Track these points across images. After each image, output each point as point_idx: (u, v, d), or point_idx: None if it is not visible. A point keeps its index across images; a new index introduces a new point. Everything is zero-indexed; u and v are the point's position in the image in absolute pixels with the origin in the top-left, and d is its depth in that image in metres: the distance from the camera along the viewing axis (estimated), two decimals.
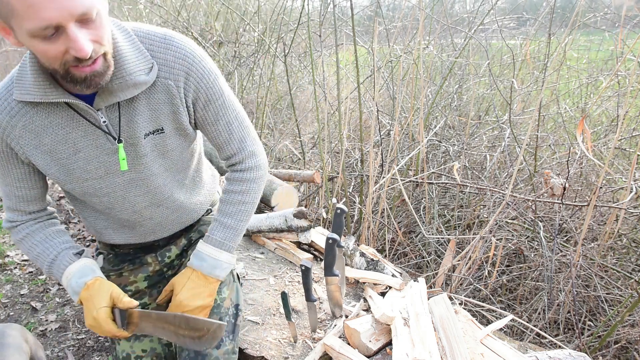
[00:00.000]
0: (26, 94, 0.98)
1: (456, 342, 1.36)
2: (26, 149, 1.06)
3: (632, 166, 2.06)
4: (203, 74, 1.08)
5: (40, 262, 1.16)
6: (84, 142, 1.06)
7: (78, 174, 1.10)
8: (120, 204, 1.18)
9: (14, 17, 0.81)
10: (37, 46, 0.85)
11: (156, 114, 1.08)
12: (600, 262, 2.32)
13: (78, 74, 0.90)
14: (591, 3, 3.42)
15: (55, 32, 0.83)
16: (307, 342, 1.54)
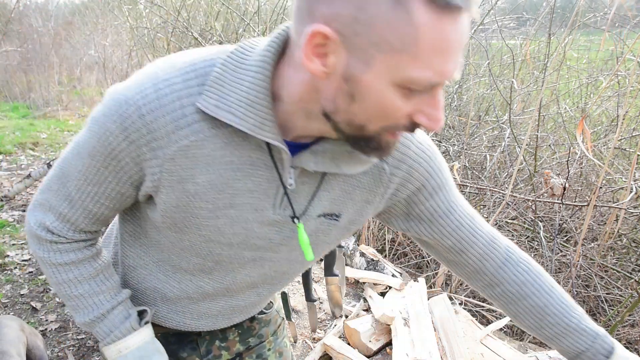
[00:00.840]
0: (228, 112, 0.64)
1: (456, 342, 1.36)
2: (165, 176, 0.70)
3: (632, 166, 2.06)
4: (431, 163, 0.82)
5: (77, 306, 0.82)
6: (244, 199, 0.74)
7: (207, 232, 0.76)
8: (222, 276, 0.85)
9: (400, 53, 0.55)
10: (387, 99, 0.59)
11: (345, 198, 0.80)
12: (600, 262, 2.33)
13: (385, 140, 0.65)
14: (591, 3, 3.42)
15: (421, 90, 0.59)
16: (307, 342, 1.54)
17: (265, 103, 0.64)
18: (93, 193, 0.75)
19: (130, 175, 0.72)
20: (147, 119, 0.65)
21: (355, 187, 0.79)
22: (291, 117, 0.67)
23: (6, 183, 5.16)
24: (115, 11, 7.52)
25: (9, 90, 9.61)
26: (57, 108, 9.06)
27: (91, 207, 0.77)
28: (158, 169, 0.69)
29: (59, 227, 0.78)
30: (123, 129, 0.66)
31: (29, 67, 9.69)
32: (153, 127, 0.66)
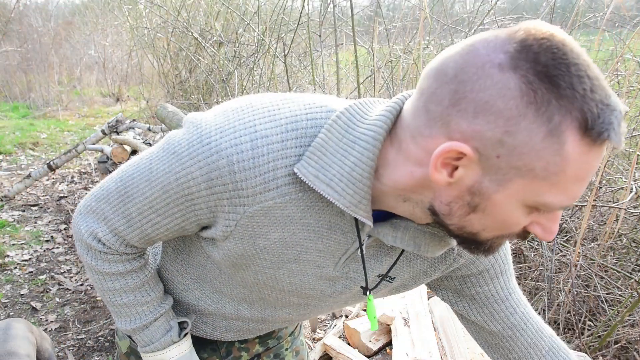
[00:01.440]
0: (327, 185, 0.60)
1: (456, 342, 1.36)
2: (239, 229, 0.66)
3: (632, 166, 2.06)
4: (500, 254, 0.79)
5: (120, 313, 0.82)
6: (311, 256, 0.71)
7: (263, 278, 0.75)
8: (262, 308, 0.84)
9: (538, 179, 0.53)
10: (509, 213, 0.57)
11: (405, 266, 0.78)
12: (600, 262, 2.33)
13: (495, 244, 0.64)
14: (591, 3, 3.42)
15: (546, 210, 0.58)
16: (307, 342, 1.54)
17: (368, 182, 0.59)
18: (155, 222, 0.71)
19: (201, 219, 0.68)
20: (237, 176, 0.60)
21: (420, 258, 0.76)
22: (385, 197, 0.63)
23: (6, 183, 5.16)
24: (115, 11, 7.52)
25: (9, 90, 9.62)
26: (57, 108, 9.06)
27: (149, 232, 0.74)
28: (234, 222, 0.65)
29: (111, 240, 0.75)
30: (208, 179, 0.61)
31: (29, 67, 9.69)
32: (241, 186, 0.61)
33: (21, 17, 10.07)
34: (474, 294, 0.81)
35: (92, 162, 6.10)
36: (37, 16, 10.78)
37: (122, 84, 10.39)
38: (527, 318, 0.82)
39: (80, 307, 2.98)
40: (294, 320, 0.89)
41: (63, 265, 3.50)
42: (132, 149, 3.80)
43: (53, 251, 3.73)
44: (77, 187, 5.23)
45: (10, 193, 4.70)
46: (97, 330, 2.75)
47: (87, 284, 3.25)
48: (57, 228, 4.15)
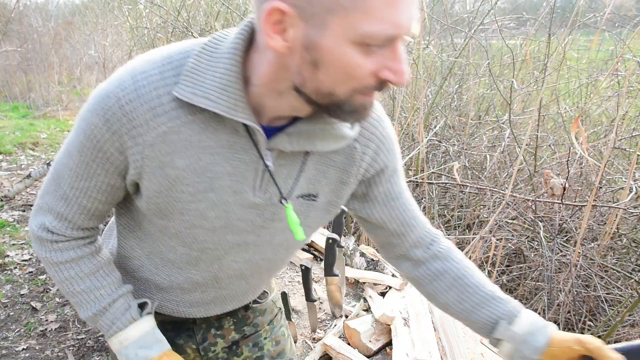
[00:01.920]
0: (203, 97, 0.68)
1: (456, 342, 1.36)
2: (148, 162, 0.73)
3: (631, 166, 2.06)
4: (393, 143, 0.88)
5: (81, 301, 0.85)
6: (223, 183, 0.76)
7: (189, 217, 0.79)
8: (209, 263, 0.87)
9: (353, 11, 0.57)
10: (348, 58, 0.60)
11: (320, 177, 0.82)
12: (600, 262, 2.33)
13: (358, 103, 0.67)
14: (591, 3, 3.42)
15: (380, 45, 0.61)
16: (307, 342, 1.54)
17: (238, 86, 0.67)
18: (85, 188, 0.79)
19: (117, 166, 0.75)
20: (126, 109, 0.69)
21: (329, 166, 0.82)
22: (263, 98, 0.70)
23: (6, 183, 5.16)
24: (115, 11, 7.50)
25: (9, 90, 9.62)
26: (57, 108, 9.06)
27: (85, 203, 0.80)
28: (140, 156, 0.73)
29: (57, 226, 0.81)
30: (105, 121, 0.71)
31: (29, 67, 9.69)
32: (132, 116, 0.70)
33: (21, 17, 10.07)
34: (376, 195, 0.89)
35: None
36: (37, 16, 10.77)
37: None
38: (416, 216, 0.93)
39: None
40: (248, 276, 0.92)
41: None
42: None
43: None
44: None
45: (10, 193, 4.70)
46: (97, 330, 2.75)
47: None
48: None
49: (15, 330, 2.73)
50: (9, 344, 2.59)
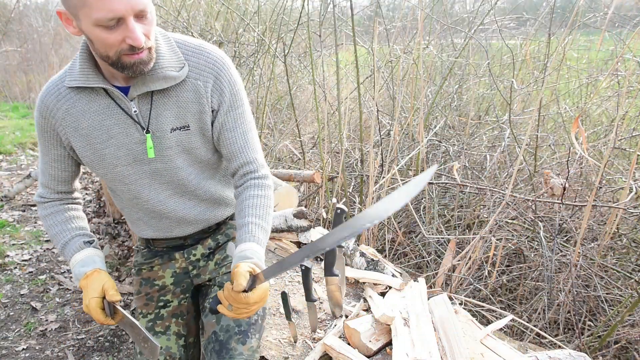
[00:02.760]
0: (73, 80, 1.14)
1: (456, 342, 1.36)
2: (67, 130, 1.19)
3: (631, 166, 2.06)
4: (230, 81, 1.21)
5: (55, 242, 1.29)
6: (116, 130, 1.18)
7: (109, 160, 1.21)
8: (147, 192, 1.27)
9: (84, 7, 0.96)
10: (98, 34, 1.00)
11: (184, 112, 1.19)
12: (600, 262, 2.33)
13: (127, 61, 1.05)
14: (591, 3, 3.42)
15: (116, 24, 0.99)
16: (307, 342, 1.54)
17: (87, 65, 1.13)
18: (48, 160, 1.27)
19: (56, 139, 1.23)
20: (45, 102, 1.19)
21: (186, 102, 1.19)
22: (104, 68, 1.14)
23: (6, 183, 5.16)
24: None
25: (9, 90, 9.61)
26: None
27: (52, 172, 1.29)
28: (62, 128, 1.20)
29: (42, 192, 1.33)
30: (39, 114, 1.21)
31: (29, 67, 9.69)
32: (48, 106, 1.19)
33: (21, 17, 10.07)
34: (216, 125, 1.23)
35: None
36: (37, 16, 10.77)
37: None
38: (239, 150, 1.26)
39: (80, 307, 2.98)
40: (180, 195, 1.30)
41: (63, 265, 3.50)
42: None
43: (53, 251, 3.73)
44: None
45: (10, 193, 4.70)
46: (97, 330, 2.75)
47: None
48: None
49: (15, 330, 2.73)
50: (9, 344, 2.59)
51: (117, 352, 2.56)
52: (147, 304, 1.39)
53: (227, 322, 1.29)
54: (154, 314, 1.38)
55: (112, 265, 3.51)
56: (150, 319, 1.37)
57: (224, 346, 1.25)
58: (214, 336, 1.27)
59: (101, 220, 4.32)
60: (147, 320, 1.37)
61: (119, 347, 2.59)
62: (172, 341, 1.36)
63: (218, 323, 1.30)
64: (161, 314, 1.38)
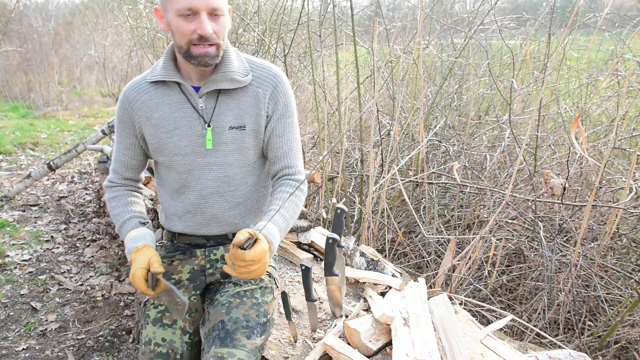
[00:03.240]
0: (154, 76, 1.38)
1: (456, 342, 1.36)
2: (141, 119, 1.40)
3: (631, 166, 2.05)
4: (285, 93, 1.43)
5: (115, 220, 1.46)
6: (182, 122, 1.38)
7: (171, 148, 1.40)
8: (194, 183, 1.43)
9: (171, 1, 1.23)
10: (177, 24, 1.24)
11: (242, 113, 1.39)
12: (600, 262, 2.33)
13: (195, 51, 1.26)
14: (591, 3, 3.42)
15: (191, 15, 1.22)
16: (307, 342, 1.54)
17: (169, 63, 1.37)
18: (121, 148, 1.49)
19: (131, 129, 1.45)
20: (127, 95, 1.43)
21: (246, 105, 1.39)
22: (182, 67, 1.38)
23: (6, 183, 5.16)
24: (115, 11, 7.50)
25: (9, 90, 9.61)
26: (57, 108, 9.06)
27: (123, 158, 1.49)
28: (137, 117, 1.41)
29: (111, 177, 1.53)
30: (120, 106, 1.44)
31: (29, 67, 9.68)
32: (129, 98, 1.42)
33: (21, 17, 10.06)
34: (268, 130, 1.43)
35: (92, 162, 6.10)
36: (37, 16, 10.76)
37: (122, 84, 10.37)
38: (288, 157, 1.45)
39: (80, 307, 2.98)
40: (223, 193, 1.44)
41: (63, 265, 3.50)
42: None
43: (53, 251, 3.73)
44: (77, 187, 5.23)
45: (10, 193, 4.70)
46: (97, 330, 2.75)
47: (87, 284, 3.25)
48: (57, 228, 4.15)
49: (15, 330, 2.72)
50: (9, 344, 2.59)
51: (117, 352, 2.56)
52: (159, 296, 1.44)
53: (237, 315, 1.35)
54: (164, 307, 1.43)
55: (112, 265, 3.51)
56: (160, 310, 1.42)
57: (229, 335, 1.29)
58: (221, 325, 1.32)
59: (101, 220, 4.32)
60: (157, 311, 1.42)
61: (119, 347, 2.59)
62: (177, 335, 1.39)
63: (227, 314, 1.34)
64: None
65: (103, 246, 3.83)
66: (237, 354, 1.24)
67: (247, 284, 1.47)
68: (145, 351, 1.36)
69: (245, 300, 1.41)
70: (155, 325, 1.39)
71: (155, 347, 1.36)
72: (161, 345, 1.36)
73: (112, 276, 3.37)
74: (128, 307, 2.98)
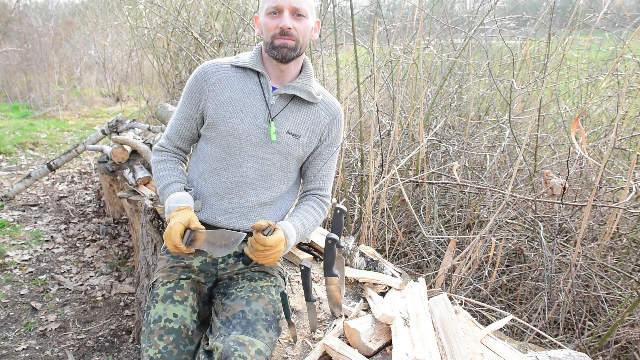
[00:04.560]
0: (240, 62, 1.50)
1: (456, 342, 1.36)
2: (210, 94, 1.48)
3: (631, 166, 2.05)
4: (339, 126, 1.59)
5: (158, 182, 1.53)
6: (249, 108, 1.46)
7: (227, 128, 1.46)
8: (234, 168, 1.49)
9: (265, 3, 1.41)
10: (265, 21, 1.41)
11: (302, 125, 1.52)
12: (600, 262, 2.32)
13: (277, 43, 1.40)
14: (591, 3, 3.42)
15: (276, 13, 1.39)
16: (307, 342, 1.53)
17: (258, 57, 1.50)
18: (181, 117, 1.55)
19: (197, 102, 1.51)
20: (205, 69, 1.51)
21: (308, 120, 1.53)
22: (266, 65, 1.51)
23: (6, 183, 5.16)
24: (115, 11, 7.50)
25: (9, 90, 9.61)
26: (57, 108, 9.06)
27: (179, 127, 1.57)
28: (207, 92, 1.49)
29: (163, 142, 1.60)
30: (194, 77, 1.52)
31: (29, 67, 9.68)
32: (207, 72, 1.50)
33: (21, 17, 10.06)
34: (315, 152, 1.58)
35: (92, 162, 6.10)
36: (37, 16, 10.76)
37: (122, 84, 10.38)
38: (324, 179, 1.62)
39: (80, 307, 2.98)
40: (257, 187, 1.51)
41: (63, 265, 3.50)
42: (132, 149, 3.79)
43: (53, 251, 3.73)
44: (77, 187, 5.23)
45: (10, 193, 4.70)
46: (97, 330, 2.75)
47: (87, 284, 3.25)
48: (57, 228, 4.15)
49: (15, 330, 2.72)
50: (9, 344, 2.59)
51: (117, 352, 2.56)
52: (169, 274, 1.48)
53: (257, 307, 1.40)
54: (174, 283, 1.45)
55: (112, 265, 3.51)
56: (169, 287, 1.44)
57: (250, 325, 1.33)
58: (242, 314, 1.36)
59: (101, 220, 4.32)
60: (166, 288, 1.43)
61: (119, 347, 2.59)
62: (188, 312, 1.40)
63: (248, 305, 1.40)
64: (181, 283, 1.45)
65: (103, 246, 3.84)
66: (257, 344, 1.27)
67: (261, 280, 1.52)
68: (154, 329, 1.34)
69: (264, 295, 1.46)
70: (166, 302, 1.40)
71: (167, 323, 1.35)
72: (173, 320, 1.36)
73: (112, 276, 3.37)
74: (128, 307, 2.98)
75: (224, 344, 1.24)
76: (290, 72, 1.50)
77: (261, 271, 1.56)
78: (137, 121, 4.57)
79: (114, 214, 4.31)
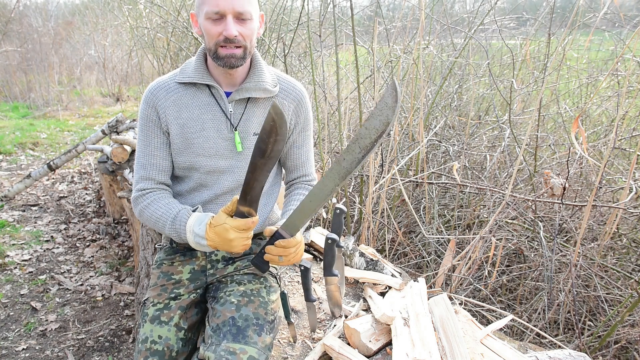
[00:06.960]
0: (186, 77, 1.42)
1: (456, 342, 1.36)
2: (169, 118, 1.42)
3: (631, 166, 2.05)
4: (306, 109, 1.54)
5: (162, 222, 1.38)
6: (210, 124, 1.42)
7: (195, 149, 1.43)
8: (212, 183, 1.47)
9: (203, 4, 1.30)
10: (206, 27, 1.31)
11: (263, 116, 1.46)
12: (600, 262, 2.32)
13: (222, 53, 1.32)
14: (591, 3, 3.42)
15: (219, 18, 1.29)
16: (307, 342, 1.53)
17: (202, 66, 1.42)
18: (150, 150, 1.45)
19: (159, 127, 1.44)
20: (155, 94, 1.43)
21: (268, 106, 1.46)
22: (212, 71, 1.43)
23: (6, 183, 5.16)
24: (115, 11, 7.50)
25: (9, 90, 9.61)
26: (57, 108, 9.06)
27: (153, 161, 1.45)
28: (165, 116, 1.42)
29: (142, 186, 1.44)
30: (146, 105, 1.44)
31: (29, 67, 9.68)
32: (158, 97, 1.43)
33: (21, 17, 10.06)
34: (289, 141, 1.55)
35: (92, 162, 6.10)
36: (37, 16, 10.76)
37: (122, 84, 10.38)
38: (305, 167, 1.60)
39: (80, 307, 2.98)
40: (235, 187, 1.48)
41: (63, 265, 3.50)
42: (132, 149, 3.79)
43: (53, 251, 3.73)
44: (77, 187, 5.23)
45: (10, 193, 4.70)
46: (97, 330, 2.75)
47: (87, 284, 3.25)
48: (57, 228, 4.15)
49: (15, 330, 2.72)
50: (9, 344, 2.59)
51: (117, 352, 2.56)
52: (160, 294, 1.47)
53: (247, 312, 1.37)
54: (163, 304, 1.44)
55: (112, 265, 3.51)
56: (158, 308, 1.43)
57: (241, 332, 1.31)
58: (232, 321, 1.34)
59: (101, 220, 4.32)
60: (155, 309, 1.43)
61: (119, 347, 2.59)
62: (172, 332, 1.40)
63: (237, 311, 1.37)
64: (170, 305, 1.44)
65: (103, 246, 3.84)
66: (249, 351, 1.26)
67: (250, 283, 1.49)
68: (141, 349, 1.38)
69: (254, 299, 1.44)
70: (153, 322, 1.41)
71: (152, 345, 1.37)
72: (157, 342, 1.38)
73: (112, 276, 3.37)
74: (128, 307, 2.98)
75: (215, 353, 1.24)
76: (239, 73, 1.43)
77: (250, 273, 1.54)
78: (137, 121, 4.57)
79: (114, 214, 4.32)
